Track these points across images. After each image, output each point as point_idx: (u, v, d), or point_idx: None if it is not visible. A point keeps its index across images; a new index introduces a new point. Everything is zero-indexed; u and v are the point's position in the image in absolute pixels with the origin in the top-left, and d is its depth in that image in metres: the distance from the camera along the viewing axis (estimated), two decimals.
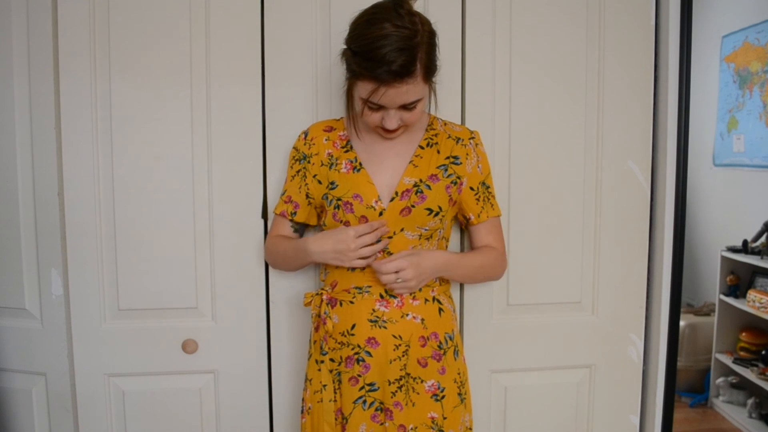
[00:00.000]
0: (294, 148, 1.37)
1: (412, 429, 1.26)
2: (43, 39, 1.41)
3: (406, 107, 1.20)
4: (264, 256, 1.45)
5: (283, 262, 1.39)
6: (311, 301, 1.32)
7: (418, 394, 1.27)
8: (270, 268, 1.49)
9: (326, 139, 1.33)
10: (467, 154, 1.33)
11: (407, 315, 1.27)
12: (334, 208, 1.28)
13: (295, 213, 1.36)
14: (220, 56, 1.44)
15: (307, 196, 1.35)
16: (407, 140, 1.32)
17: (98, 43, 1.41)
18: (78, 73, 1.41)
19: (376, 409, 1.28)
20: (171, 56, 1.43)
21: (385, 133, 1.26)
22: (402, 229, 1.27)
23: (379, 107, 1.19)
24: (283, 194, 1.38)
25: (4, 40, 1.42)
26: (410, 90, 1.16)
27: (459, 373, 1.33)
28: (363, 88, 1.17)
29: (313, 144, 1.34)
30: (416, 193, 1.26)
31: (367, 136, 1.32)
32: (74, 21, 1.40)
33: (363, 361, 1.27)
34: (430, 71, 1.19)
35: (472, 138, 1.36)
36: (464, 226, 1.42)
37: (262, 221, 1.48)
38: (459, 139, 1.34)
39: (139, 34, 1.41)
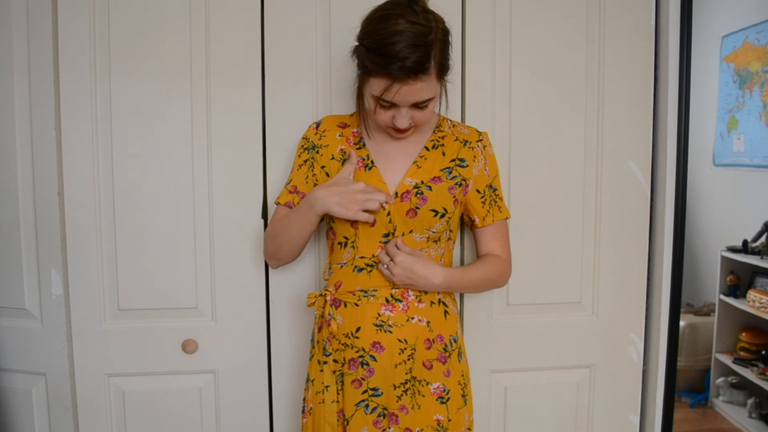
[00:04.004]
0: (304, 137, 1.35)
1: None
2: (43, 39, 1.41)
3: (418, 106, 1.18)
4: (263, 250, 1.39)
5: (285, 236, 1.30)
6: (315, 302, 1.31)
7: (423, 396, 1.27)
8: (270, 269, 1.49)
9: (340, 135, 1.32)
10: (474, 157, 1.32)
11: (413, 318, 1.26)
12: None
13: None
14: (220, 56, 1.44)
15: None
16: (416, 140, 1.31)
17: (98, 43, 1.41)
18: (78, 73, 1.41)
19: (379, 415, 1.27)
20: (171, 56, 1.43)
21: (395, 133, 1.24)
22: (411, 231, 1.26)
23: (391, 105, 1.17)
24: (287, 184, 1.34)
25: (4, 40, 1.42)
26: (424, 88, 1.14)
27: (462, 375, 1.32)
28: (375, 85, 1.15)
29: (324, 136, 1.32)
30: (416, 195, 1.25)
31: (378, 135, 1.31)
32: (74, 21, 1.40)
33: (367, 364, 1.26)
34: (443, 69, 1.18)
35: (480, 140, 1.34)
36: (469, 227, 1.40)
37: (262, 221, 1.48)
38: (466, 141, 1.32)
39: (139, 34, 1.41)
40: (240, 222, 1.47)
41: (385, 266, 1.24)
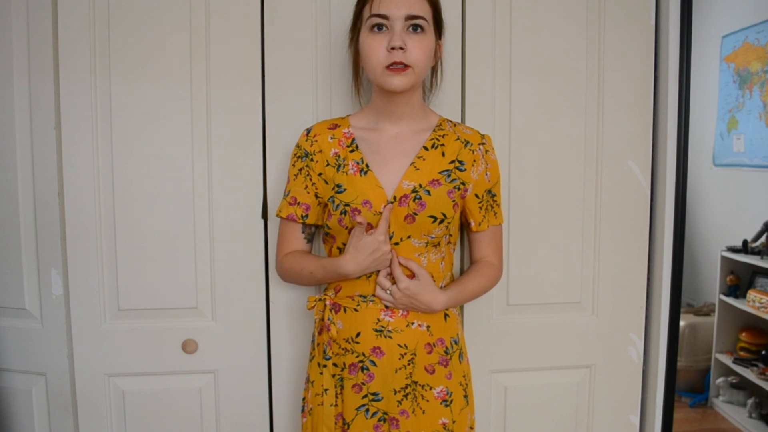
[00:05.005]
0: (296, 146, 1.33)
1: None
2: (43, 39, 1.41)
3: (413, 27, 1.19)
4: (276, 271, 1.39)
5: (310, 281, 1.32)
6: (314, 306, 1.31)
7: (427, 401, 1.26)
8: (270, 269, 1.49)
9: (331, 138, 1.30)
10: (474, 161, 1.29)
11: (413, 324, 1.26)
12: (341, 213, 1.24)
13: (306, 216, 1.31)
14: (220, 56, 1.44)
15: (317, 196, 1.31)
16: (414, 138, 1.28)
17: (98, 44, 1.41)
18: (78, 73, 1.41)
19: (380, 420, 1.27)
20: (171, 56, 1.43)
21: (392, 73, 1.19)
22: (409, 236, 1.24)
23: (383, 25, 1.18)
24: (286, 195, 1.33)
25: (4, 40, 1.42)
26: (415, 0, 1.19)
27: (464, 376, 1.32)
28: (367, 10, 1.19)
29: (316, 141, 1.30)
30: (414, 200, 1.22)
31: (372, 135, 1.29)
32: (74, 21, 1.40)
33: (367, 369, 1.25)
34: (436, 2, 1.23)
35: (482, 144, 1.31)
36: (465, 228, 1.40)
37: (262, 221, 1.48)
38: (467, 142, 1.30)
39: (139, 34, 1.41)
40: (240, 222, 1.47)
41: (387, 291, 1.24)
